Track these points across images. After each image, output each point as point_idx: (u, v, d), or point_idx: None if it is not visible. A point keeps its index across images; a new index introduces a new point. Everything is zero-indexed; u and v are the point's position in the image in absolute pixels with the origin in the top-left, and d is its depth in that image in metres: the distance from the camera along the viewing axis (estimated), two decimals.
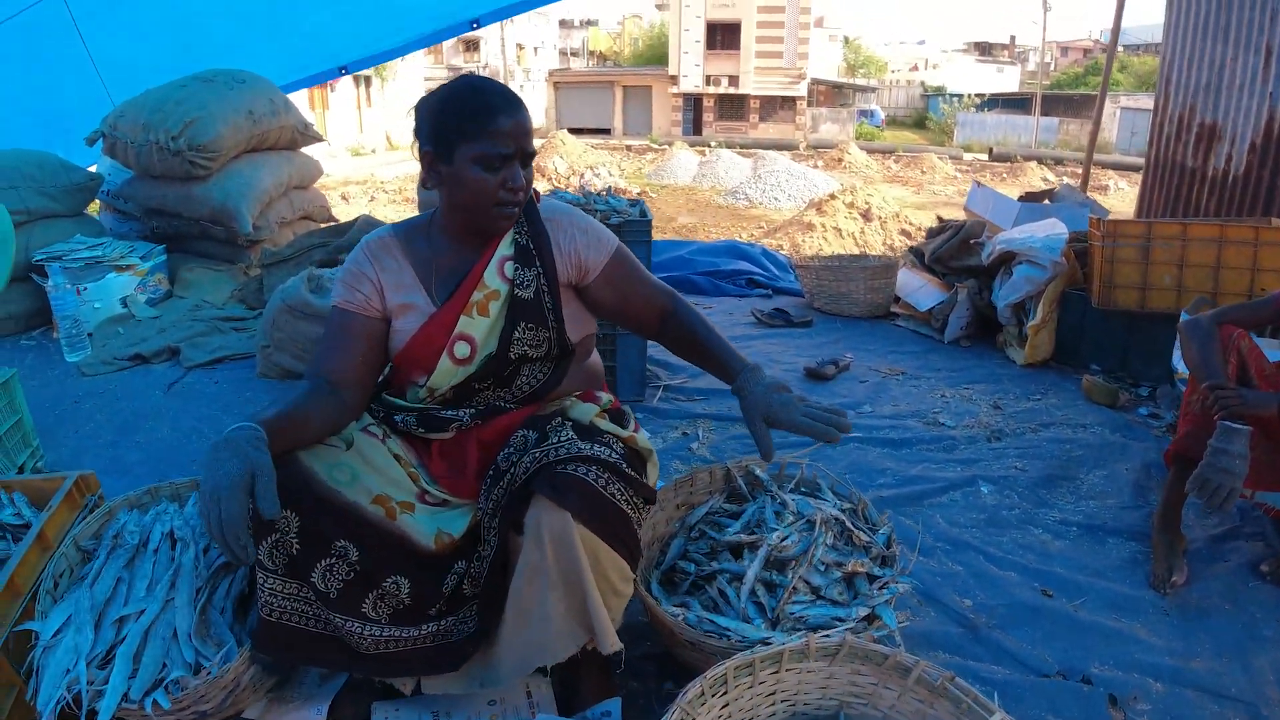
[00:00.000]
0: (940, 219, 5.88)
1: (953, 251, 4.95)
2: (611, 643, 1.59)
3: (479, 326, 1.78)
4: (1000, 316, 4.46)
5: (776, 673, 1.55)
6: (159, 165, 5.11)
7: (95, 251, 4.81)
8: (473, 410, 1.83)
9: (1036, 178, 24.20)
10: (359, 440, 1.75)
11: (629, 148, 34.71)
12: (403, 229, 1.88)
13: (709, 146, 32.34)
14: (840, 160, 28.58)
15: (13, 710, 1.68)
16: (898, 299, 5.29)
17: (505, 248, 1.80)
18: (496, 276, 1.79)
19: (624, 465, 1.67)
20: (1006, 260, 4.46)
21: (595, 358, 2.05)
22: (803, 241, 13.26)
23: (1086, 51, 61.24)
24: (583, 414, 1.82)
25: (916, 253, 5.39)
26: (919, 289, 5.06)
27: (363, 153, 31.87)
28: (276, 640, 1.64)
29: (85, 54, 5.80)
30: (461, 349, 1.78)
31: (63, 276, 4.56)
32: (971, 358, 4.44)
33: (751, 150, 29.80)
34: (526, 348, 1.80)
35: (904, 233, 13.85)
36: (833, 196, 14.94)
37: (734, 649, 1.63)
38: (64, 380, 4.03)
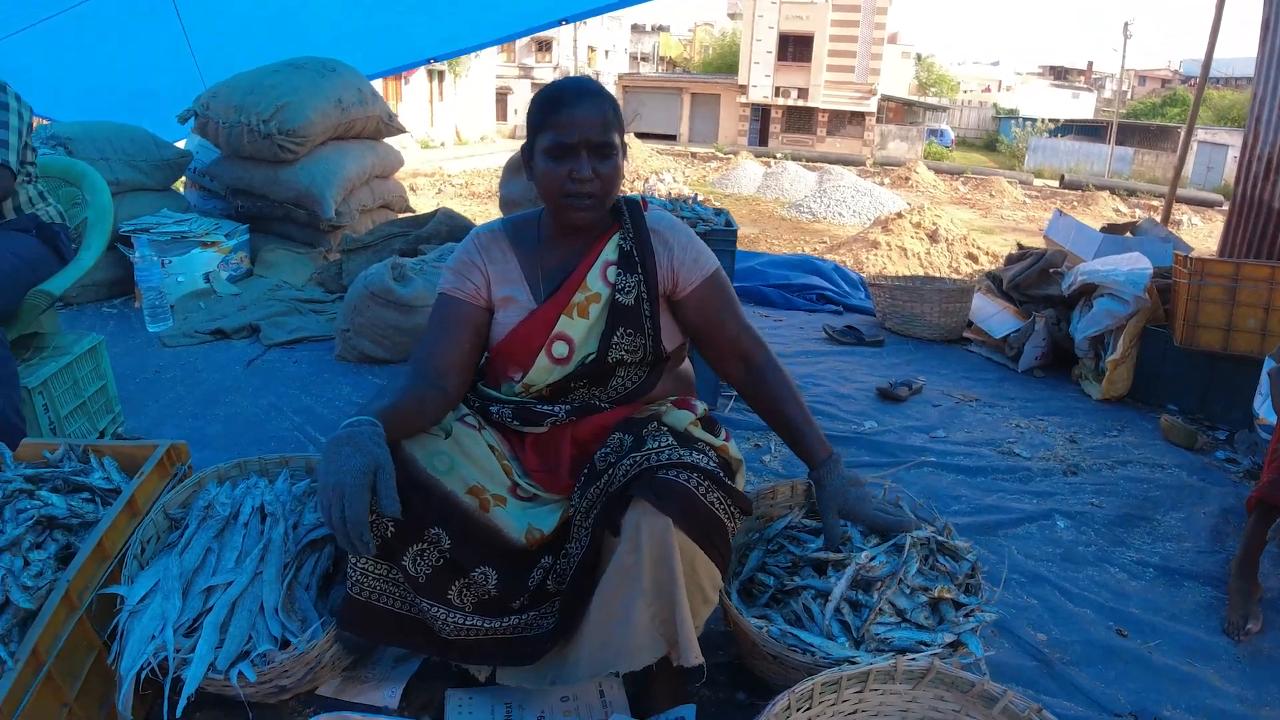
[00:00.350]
0: (1020, 246, 5.81)
1: (1032, 280, 4.89)
2: (694, 655, 1.54)
3: (578, 328, 1.79)
4: (1077, 349, 4.39)
5: (860, 693, 1.53)
6: (248, 146, 5.23)
7: (182, 226, 4.93)
8: (568, 407, 1.84)
9: (1108, 208, 23.76)
10: (457, 430, 1.77)
11: (694, 155, 34.74)
12: (511, 224, 1.91)
13: (775, 158, 32.23)
14: (907, 179, 28.30)
15: (90, 672, 1.68)
16: (970, 324, 5.23)
17: (610, 252, 1.82)
18: (599, 280, 1.80)
19: (721, 474, 1.67)
20: (1087, 292, 4.39)
21: (687, 365, 2.06)
22: (867, 259, 13.13)
23: (1165, 82, 59.96)
24: (678, 421, 1.82)
25: (993, 278, 5.32)
26: (994, 315, 4.99)
27: (432, 145, 32.18)
28: (362, 619, 1.66)
29: (182, 34, 5.95)
30: (560, 349, 1.80)
31: (149, 249, 4.68)
32: (1046, 389, 4.37)
33: (817, 164, 29.64)
34: (624, 352, 1.81)
35: (970, 256, 13.65)
36: (899, 215, 14.76)
37: (817, 665, 1.62)
38: (145, 350, 4.13)
